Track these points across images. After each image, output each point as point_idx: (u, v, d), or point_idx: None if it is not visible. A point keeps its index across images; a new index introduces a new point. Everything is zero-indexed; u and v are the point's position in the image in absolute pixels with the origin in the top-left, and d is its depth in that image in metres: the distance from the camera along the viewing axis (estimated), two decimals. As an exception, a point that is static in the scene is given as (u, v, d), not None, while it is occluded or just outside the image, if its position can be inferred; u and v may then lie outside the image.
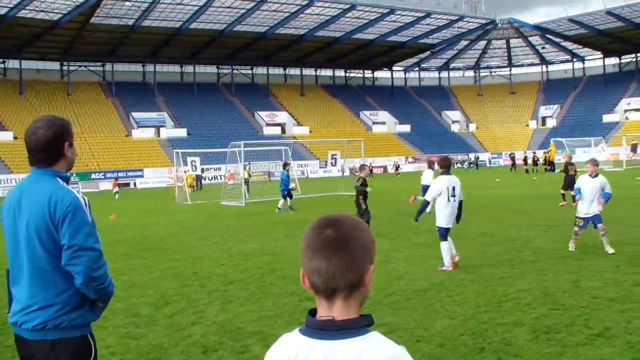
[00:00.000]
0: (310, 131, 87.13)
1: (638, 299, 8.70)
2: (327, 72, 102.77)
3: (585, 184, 12.66)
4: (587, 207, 12.58)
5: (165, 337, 7.98)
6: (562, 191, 23.61)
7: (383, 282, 10.66)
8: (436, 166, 27.33)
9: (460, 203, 11.89)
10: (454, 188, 11.64)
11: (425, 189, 22.17)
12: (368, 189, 16.84)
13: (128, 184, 63.26)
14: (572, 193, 13.66)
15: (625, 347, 6.68)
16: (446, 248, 11.60)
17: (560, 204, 23.08)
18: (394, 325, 8.00)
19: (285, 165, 28.52)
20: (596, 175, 12.61)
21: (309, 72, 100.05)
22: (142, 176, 66.70)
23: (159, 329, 8.40)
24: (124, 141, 74.17)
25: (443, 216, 11.66)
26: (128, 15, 67.82)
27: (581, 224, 12.69)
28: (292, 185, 28.33)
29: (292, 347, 1.91)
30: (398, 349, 1.86)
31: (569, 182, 21.91)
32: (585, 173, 12.79)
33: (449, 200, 11.57)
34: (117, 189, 45.27)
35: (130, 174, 66.50)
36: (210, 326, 8.40)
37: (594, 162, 12.96)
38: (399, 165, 74.63)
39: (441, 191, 11.63)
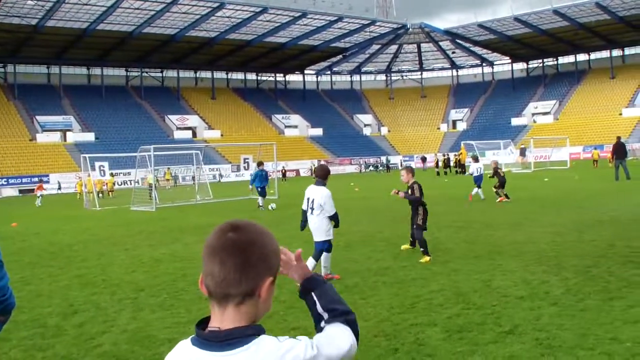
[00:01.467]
0: (222, 135, 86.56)
1: (545, 296, 8.99)
2: (239, 76, 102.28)
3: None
4: None
5: (73, 347, 7.72)
6: (496, 189, 25.53)
7: (296, 284, 10.63)
8: (472, 160, 28.76)
9: (334, 217, 10.96)
10: (313, 200, 10.87)
11: (476, 179, 26.59)
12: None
13: (32, 190, 61.07)
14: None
15: (534, 343, 6.88)
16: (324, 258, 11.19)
17: (498, 199, 25.01)
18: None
19: (260, 164, 28.76)
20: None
21: (220, 75, 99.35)
22: (47, 182, 64.45)
23: (67, 339, 8.11)
24: (28, 146, 71.55)
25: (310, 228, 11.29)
26: (31, 14, 65.27)
27: None
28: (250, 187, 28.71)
29: (183, 356, 1.85)
30: (284, 348, 1.80)
31: (502, 183, 25.13)
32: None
33: (311, 212, 10.92)
34: (41, 192, 42.80)
35: (35, 179, 64.22)
36: (121, 335, 8.18)
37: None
38: (315, 169, 74.88)
39: (305, 201, 11.13)
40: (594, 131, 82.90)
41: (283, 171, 67.88)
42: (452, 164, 61.03)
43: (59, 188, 63.25)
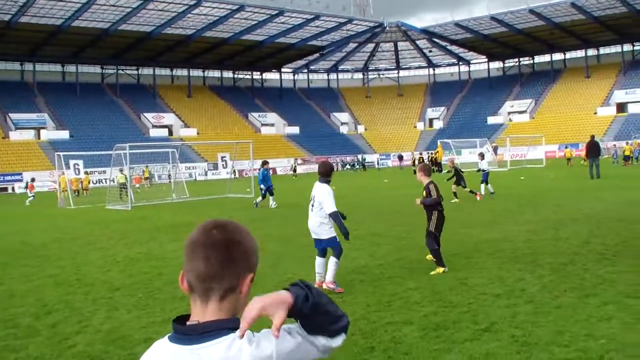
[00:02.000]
0: (198, 133, 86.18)
1: (521, 294, 9.04)
2: (215, 74, 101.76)
3: None
4: None
5: (47, 347, 7.62)
6: (468, 190, 25.54)
7: (273, 284, 10.61)
8: (479, 157, 29.01)
9: (333, 216, 10.09)
10: (313, 197, 10.37)
11: (484, 175, 27.19)
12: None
13: (6, 189, 60.47)
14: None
15: (510, 341, 6.92)
16: (316, 263, 10.55)
17: (478, 198, 25.25)
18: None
19: (265, 163, 28.09)
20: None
21: (196, 73, 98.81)
22: (21, 180, 63.61)
23: (40, 339, 8.02)
24: (1, 144, 70.59)
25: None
26: (4, 10, 64.16)
27: None
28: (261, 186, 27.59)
29: (159, 355, 1.87)
30: (268, 349, 1.80)
31: (460, 180, 25.27)
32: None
33: (311, 209, 10.42)
34: (32, 192, 41.09)
35: (9, 178, 63.57)
36: (95, 335, 8.10)
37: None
38: (296, 167, 74.81)
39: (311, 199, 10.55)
40: (569, 130, 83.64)
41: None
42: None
43: (27, 187, 62.38)
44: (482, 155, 29.12)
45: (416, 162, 61.12)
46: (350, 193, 33.45)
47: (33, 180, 46.45)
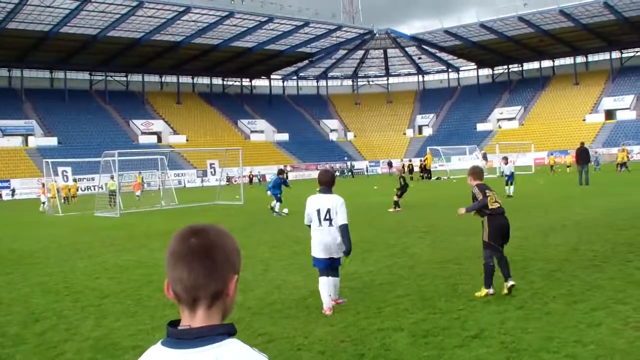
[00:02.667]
0: (188, 140, 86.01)
1: (511, 300, 9.04)
2: (205, 80, 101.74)
3: None
4: None
5: (35, 356, 7.57)
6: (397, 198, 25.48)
7: (263, 291, 10.59)
8: (503, 162, 29.20)
9: (342, 228, 9.03)
10: (328, 210, 9.11)
11: (509, 177, 27.80)
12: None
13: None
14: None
15: (500, 347, 6.92)
16: (322, 285, 9.24)
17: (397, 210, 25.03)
18: (274, 334, 7.94)
19: (281, 172, 28.61)
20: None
21: (185, 80, 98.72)
22: (8, 187, 63.46)
23: (28, 347, 7.95)
24: (-12, 150, 70.35)
25: (316, 244, 9.23)
26: (-9, 16, 64.18)
27: None
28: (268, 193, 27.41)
29: (153, 359, 1.86)
30: (260, 356, 1.82)
31: (404, 190, 25.31)
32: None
33: (320, 224, 9.12)
34: (45, 196, 40.06)
35: (-1, 184, 63.30)
36: (84, 342, 8.04)
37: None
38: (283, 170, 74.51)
39: (308, 213, 9.33)
40: (558, 137, 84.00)
41: (250, 176, 67.63)
42: (415, 169, 61.28)
43: (13, 194, 62.06)
44: (506, 160, 29.42)
45: (405, 169, 61.28)
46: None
47: (44, 185, 45.18)
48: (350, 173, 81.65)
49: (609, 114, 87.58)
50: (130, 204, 36.49)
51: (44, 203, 39.09)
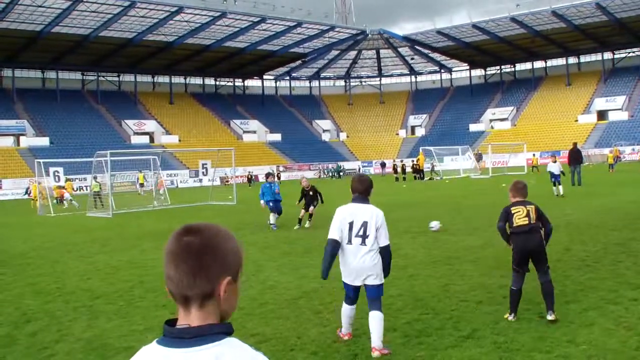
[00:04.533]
0: (180, 140, 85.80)
1: (503, 300, 9.03)
2: (197, 81, 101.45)
3: None
4: None
5: (26, 357, 7.54)
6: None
7: (255, 292, 10.58)
8: (551, 160, 29.28)
9: (385, 250, 7.38)
10: (364, 224, 7.23)
11: (557, 177, 27.38)
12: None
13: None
14: None
15: (493, 347, 6.93)
16: (344, 312, 7.69)
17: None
18: (267, 334, 7.93)
19: (269, 175, 23.89)
20: None
21: (178, 80, 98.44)
22: (0, 187, 63.22)
23: (19, 348, 7.92)
24: (-21, 150, 70.02)
25: (343, 265, 7.46)
26: (-18, 16, 63.84)
27: None
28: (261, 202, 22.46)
29: (149, 358, 1.84)
30: (259, 355, 1.83)
31: (309, 204, 21.57)
32: None
33: (350, 241, 7.23)
34: (66, 195, 40.03)
35: (-12, 185, 62.99)
36: (75, 343, 8.01)
37: None
38: (271, 173, 74.40)
39: (340, 227, 7.30)
40: (550, 137, 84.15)
41: (249, 176, 67.23)
42: (407, 169, 61.28)
43: (26, 193, 61.61)
44: (554, 158, 29.75)
45: (398, 169, 61.37)
46: (332, 200, 33.40)
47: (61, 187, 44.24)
48: (338, 174, 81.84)
49: (601, 115, 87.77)
50: (123, 204, 36.37)
51: (69, 199, 39.34)
